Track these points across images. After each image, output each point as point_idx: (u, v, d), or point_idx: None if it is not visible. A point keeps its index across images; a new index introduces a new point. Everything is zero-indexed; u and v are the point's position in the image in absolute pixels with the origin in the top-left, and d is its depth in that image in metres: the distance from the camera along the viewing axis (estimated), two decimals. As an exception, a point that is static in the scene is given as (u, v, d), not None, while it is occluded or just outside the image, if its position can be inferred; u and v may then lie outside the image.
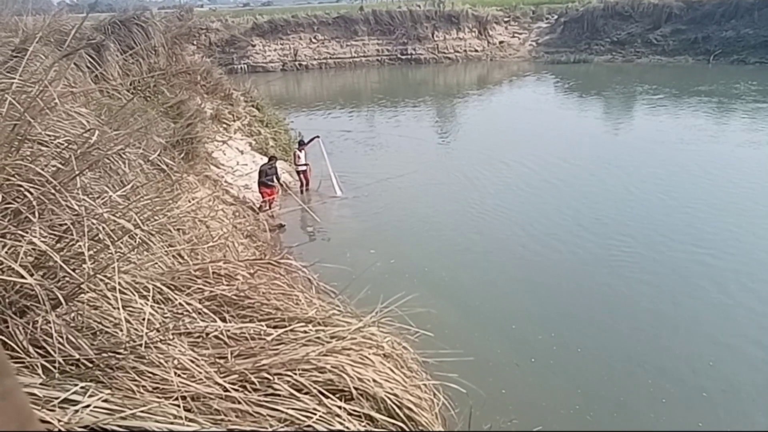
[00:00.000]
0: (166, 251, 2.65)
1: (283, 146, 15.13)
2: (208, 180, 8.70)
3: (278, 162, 11.97)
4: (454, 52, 36.03)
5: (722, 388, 6.07)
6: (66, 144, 2.29)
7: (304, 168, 13.04)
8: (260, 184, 11.10)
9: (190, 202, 3.64)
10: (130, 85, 10.11)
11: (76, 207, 1.95)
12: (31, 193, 1.88)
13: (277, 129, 16.15)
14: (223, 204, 7.27)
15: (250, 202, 11.08)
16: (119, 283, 1.87)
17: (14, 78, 3.14)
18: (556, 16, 37.31)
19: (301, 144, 13.42)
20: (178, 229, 3.13)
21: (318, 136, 13.84)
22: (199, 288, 2.45)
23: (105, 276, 1.88)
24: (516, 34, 37.68)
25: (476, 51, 36.20)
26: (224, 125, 13.44)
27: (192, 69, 13.33)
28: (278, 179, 11.36)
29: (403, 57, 35.83)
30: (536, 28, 37.72)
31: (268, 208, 10.92)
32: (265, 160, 12.00)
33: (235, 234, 4.60)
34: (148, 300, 1.95)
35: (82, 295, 1.88)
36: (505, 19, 38.02)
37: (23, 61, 5.01)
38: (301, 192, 13.03)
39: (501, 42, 36.90)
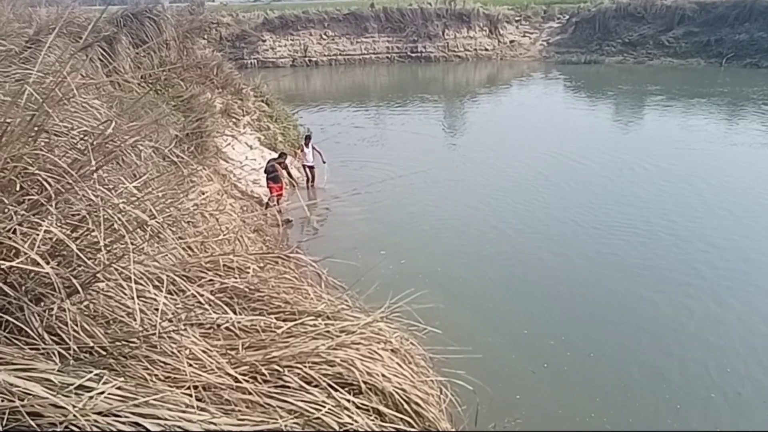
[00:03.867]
0: (177, 243, 2.68)
1: (292, 142, 15.14)
2: (217, 174, 8.74)
3: (288, 158, 11.99)
4: (465, 51, 35.89)
5: (738, 391, 6.05)
6: (82, 135, 2.32)
7: (310, 163, 12.98)
8: (269, 179, 11.12)
9: (200, 195, 3.67)
10: (142, 78, 10.17)
11: (92, 197, 1.97)
12: (49, 183, 1.91)
13: (286, 124, 16.17)
14: (231, 198, 7.31)
15: (258, 196, 11.11)
16: (133, 273, 1.89)
17: (29, 69, 3.17)
18: (567, 16, 37.05)
19: (308, 139, 13.38)
20: (189, 222, 3.16)
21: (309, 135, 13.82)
22: (210, 280, 2.47)
23: (120, 266, 1.91)
24: (527, 34, 37.50)
25: (487, 50, 36.05)
26: (234, 120, 13.47)
27: (203, 63, 13.37)
28: (290, 174, 11.39)
29: (413, 55, 35.74)
30: (547, 27, 37.50)
31: (276, 203, 10.95)
32: (275, 155, 12.03)
33: (243, 228, 4.62)
34: (161, 290, 1.98)
35: (97, 284, 1.91)
36: (516, 19, 37.83)
37: (38, 52, 5.05)
38: (307, 187, 12.99)
39: (512, 41, 36.73)
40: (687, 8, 32.28)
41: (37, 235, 1.83)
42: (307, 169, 13.08)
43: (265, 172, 11.14)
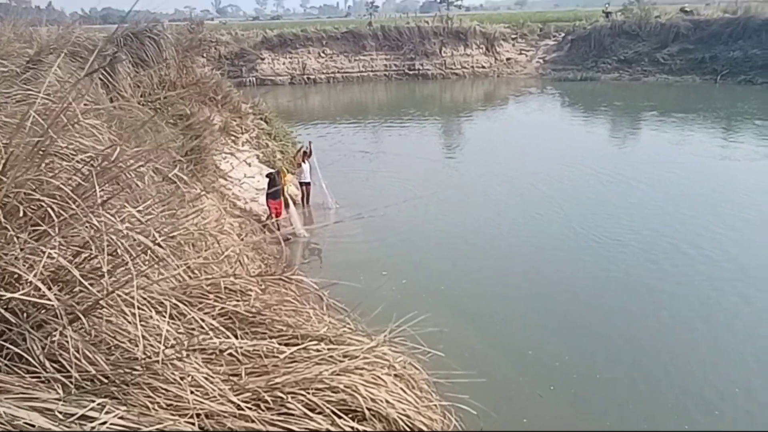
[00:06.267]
0: (179, 266, 2.66)
1: (291, 159, 15.14)
2: (216, 192, 8.73)
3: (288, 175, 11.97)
4: (462, 68, 36.24)
5: (747, 410, 5.97)
6: (86, 159, 2.32)
7: (306, 180, 12.81)
8: (268, 197, 11.07)
9: (202, 216, 3.66)
10: (141, 96, 10.20)
11: (96, 222, 1.96)
12: (52, 208, 1.90)
13: (284, 142, 16.19)
14: (231, 218, 7.30)
15: (257, 214, 11.08)
16: (136, 299, 1.88)
17: (31, 90, 3.18)
18: (563, 34, 37.52)
19: (305, 154, 13.12)
20: (190, 244, 3.14)
21: (310, 142, 13.57)
22: (210, 303, 2.45)
23: (122, 291, 1.90)
24: (523, 51, 37.91)
25: (483, 67, 36.41)
26: (232, 138, 13.50)
27: (202, 81, 13.42)
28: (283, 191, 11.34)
29: (411, 72, 36.06)
30: (543, 45, 37.93)
31: (274, 221, 10.90)
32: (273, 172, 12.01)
33: (244, 249, 4.60)
34: (163, 315, 1.96)
35: (99, 310, 1.89)
36: (513, 36, 38.30)
37: (39, 72, 5.06)
38: (303, 205, 12.85)
39: (508, 59, 37.12)
40: (681, 26, 32.76)
41: (39, 260, 1.82)
42: (303, 186, 12.96)
43: (268, 188, 11.05)
